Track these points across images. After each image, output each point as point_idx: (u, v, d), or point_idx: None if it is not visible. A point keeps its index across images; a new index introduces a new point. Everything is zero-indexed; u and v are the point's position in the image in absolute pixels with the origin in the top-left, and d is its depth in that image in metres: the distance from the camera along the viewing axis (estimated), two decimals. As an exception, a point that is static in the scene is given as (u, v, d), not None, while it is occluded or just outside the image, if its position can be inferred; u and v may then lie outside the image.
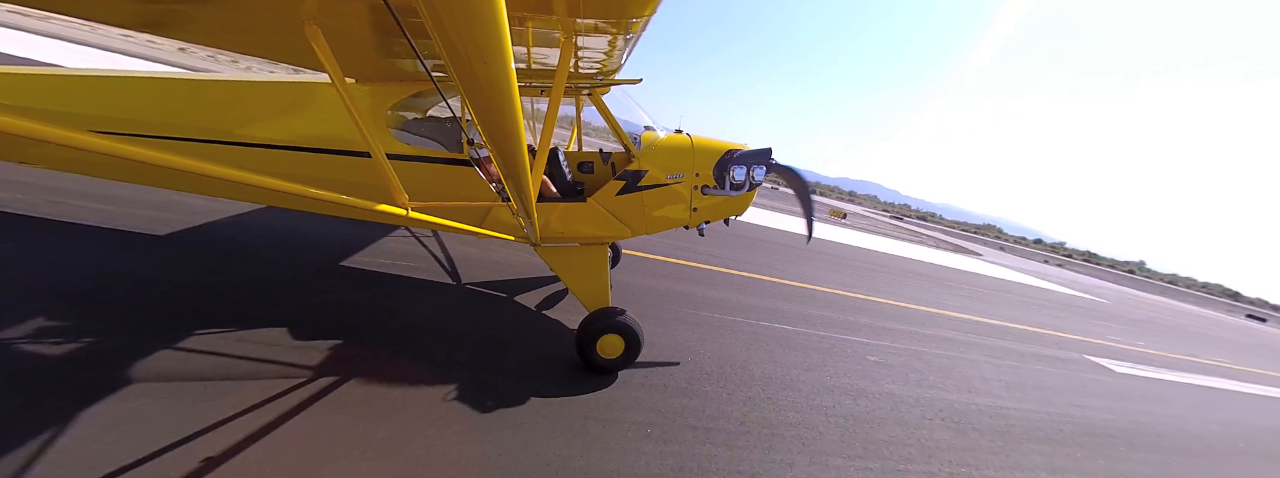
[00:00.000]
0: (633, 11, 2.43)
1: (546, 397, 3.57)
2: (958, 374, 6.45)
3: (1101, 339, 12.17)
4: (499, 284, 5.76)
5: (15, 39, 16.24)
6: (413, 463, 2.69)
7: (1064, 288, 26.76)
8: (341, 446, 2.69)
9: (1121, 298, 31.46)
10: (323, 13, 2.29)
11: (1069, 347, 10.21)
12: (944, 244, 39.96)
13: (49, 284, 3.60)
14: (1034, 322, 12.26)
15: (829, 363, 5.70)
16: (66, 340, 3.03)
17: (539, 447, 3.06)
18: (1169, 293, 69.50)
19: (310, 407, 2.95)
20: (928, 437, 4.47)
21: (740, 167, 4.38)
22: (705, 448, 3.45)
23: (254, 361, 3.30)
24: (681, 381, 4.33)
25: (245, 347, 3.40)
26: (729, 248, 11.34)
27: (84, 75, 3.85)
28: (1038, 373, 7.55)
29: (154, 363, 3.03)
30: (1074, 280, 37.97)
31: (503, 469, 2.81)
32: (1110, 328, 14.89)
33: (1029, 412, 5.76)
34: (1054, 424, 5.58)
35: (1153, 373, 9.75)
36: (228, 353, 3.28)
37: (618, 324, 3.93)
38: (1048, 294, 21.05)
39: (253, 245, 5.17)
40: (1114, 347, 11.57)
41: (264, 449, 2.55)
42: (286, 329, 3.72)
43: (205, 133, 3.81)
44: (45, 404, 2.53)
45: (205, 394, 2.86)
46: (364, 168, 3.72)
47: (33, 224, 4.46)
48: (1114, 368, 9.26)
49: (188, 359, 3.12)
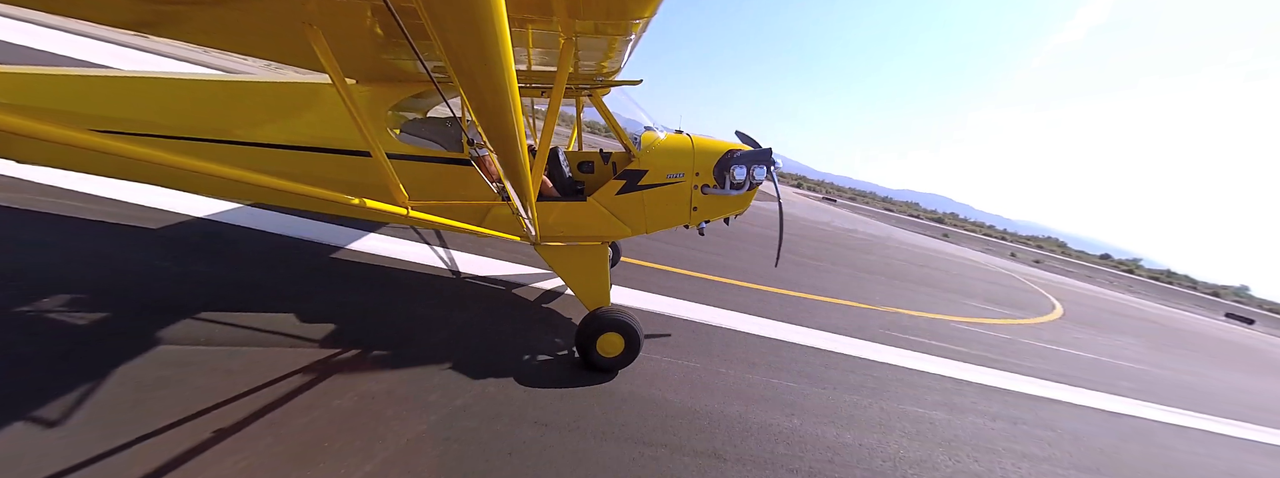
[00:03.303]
0: (633, 12, 2.43)
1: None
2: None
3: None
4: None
5: (74, 43, 16.17)
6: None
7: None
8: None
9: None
10: (323, 14, 2.30)
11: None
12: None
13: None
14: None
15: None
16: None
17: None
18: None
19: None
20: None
21: (740, 166, 4.38)
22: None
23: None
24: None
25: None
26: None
27: (84, 75, 3.86)
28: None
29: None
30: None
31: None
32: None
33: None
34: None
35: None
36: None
37: (618, 323, 3.94)
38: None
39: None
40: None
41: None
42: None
43: (206, 132, 3.82)
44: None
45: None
46: (364, 167, 3.73)
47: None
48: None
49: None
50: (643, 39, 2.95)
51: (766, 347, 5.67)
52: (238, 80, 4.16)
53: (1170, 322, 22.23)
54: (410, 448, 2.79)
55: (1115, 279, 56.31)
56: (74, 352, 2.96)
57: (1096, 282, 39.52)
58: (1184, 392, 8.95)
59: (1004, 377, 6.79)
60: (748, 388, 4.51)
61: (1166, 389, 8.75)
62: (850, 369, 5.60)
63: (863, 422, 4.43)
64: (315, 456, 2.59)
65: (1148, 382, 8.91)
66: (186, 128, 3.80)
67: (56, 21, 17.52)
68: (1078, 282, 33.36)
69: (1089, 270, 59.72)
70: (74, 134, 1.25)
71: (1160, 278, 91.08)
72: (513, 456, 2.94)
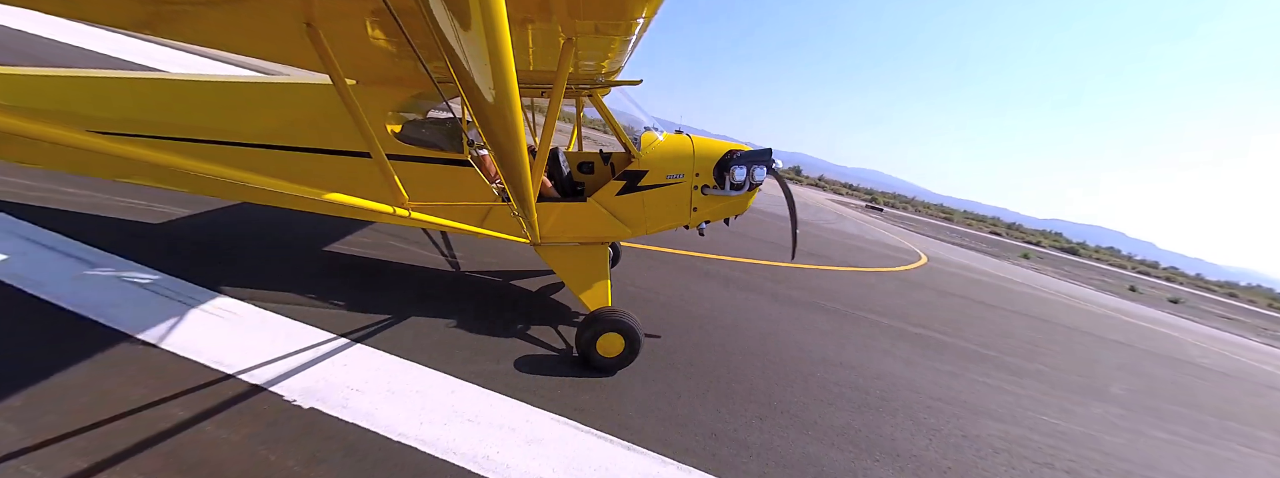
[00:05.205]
0: (633, 12, 2.43)
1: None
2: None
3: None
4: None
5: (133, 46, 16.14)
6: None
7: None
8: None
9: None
10: (323, 14, 2.30)
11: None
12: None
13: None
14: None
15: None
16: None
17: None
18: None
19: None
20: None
21: (740, 167, 4.39)
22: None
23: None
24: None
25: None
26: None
27: (83, 76, 3.86)
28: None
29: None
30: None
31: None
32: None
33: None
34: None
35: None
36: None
37: (618, 323, 3.94)
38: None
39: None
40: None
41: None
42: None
43: (206, 133, 3.82)
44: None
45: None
46: (364, 168, 3.72)
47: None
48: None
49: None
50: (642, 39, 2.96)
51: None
52: (237, 81, 4.15)
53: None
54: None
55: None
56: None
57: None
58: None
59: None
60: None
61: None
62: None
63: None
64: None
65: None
66: (186, 128, 3.80)
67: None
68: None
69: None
70: (71, 135, 1.25)
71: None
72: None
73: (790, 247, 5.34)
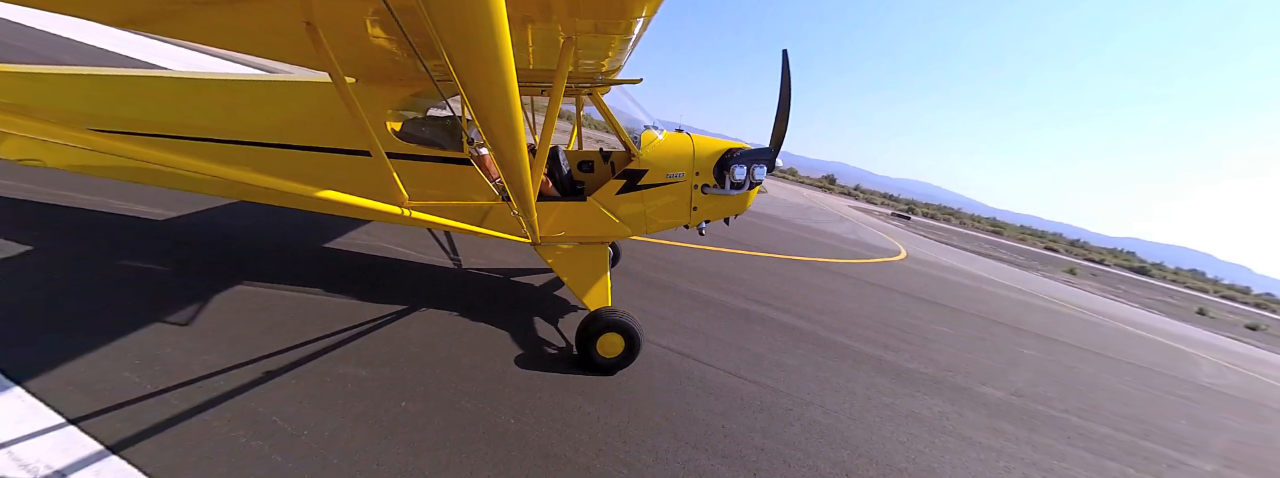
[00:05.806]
0: (633, 11, 2.43)
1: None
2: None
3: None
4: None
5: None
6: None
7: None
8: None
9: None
10: (323, 13, 2.29)
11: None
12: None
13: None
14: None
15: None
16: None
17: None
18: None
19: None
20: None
21: (741, 166, 4.38)
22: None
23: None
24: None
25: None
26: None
27: (83, 75, 3.86)
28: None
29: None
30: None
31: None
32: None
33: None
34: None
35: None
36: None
37: (617, 323, 3.93)
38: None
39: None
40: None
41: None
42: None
43: (206, 132, 3.82)
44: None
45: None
46: (364, 167, 3.72)
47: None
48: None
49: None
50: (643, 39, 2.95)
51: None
52: (237, 79, 4.15)
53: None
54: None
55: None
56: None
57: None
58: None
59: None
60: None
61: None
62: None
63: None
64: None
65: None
66: (186, 127, 3.80)
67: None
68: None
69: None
70: (71, 133, 1.25)
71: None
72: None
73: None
